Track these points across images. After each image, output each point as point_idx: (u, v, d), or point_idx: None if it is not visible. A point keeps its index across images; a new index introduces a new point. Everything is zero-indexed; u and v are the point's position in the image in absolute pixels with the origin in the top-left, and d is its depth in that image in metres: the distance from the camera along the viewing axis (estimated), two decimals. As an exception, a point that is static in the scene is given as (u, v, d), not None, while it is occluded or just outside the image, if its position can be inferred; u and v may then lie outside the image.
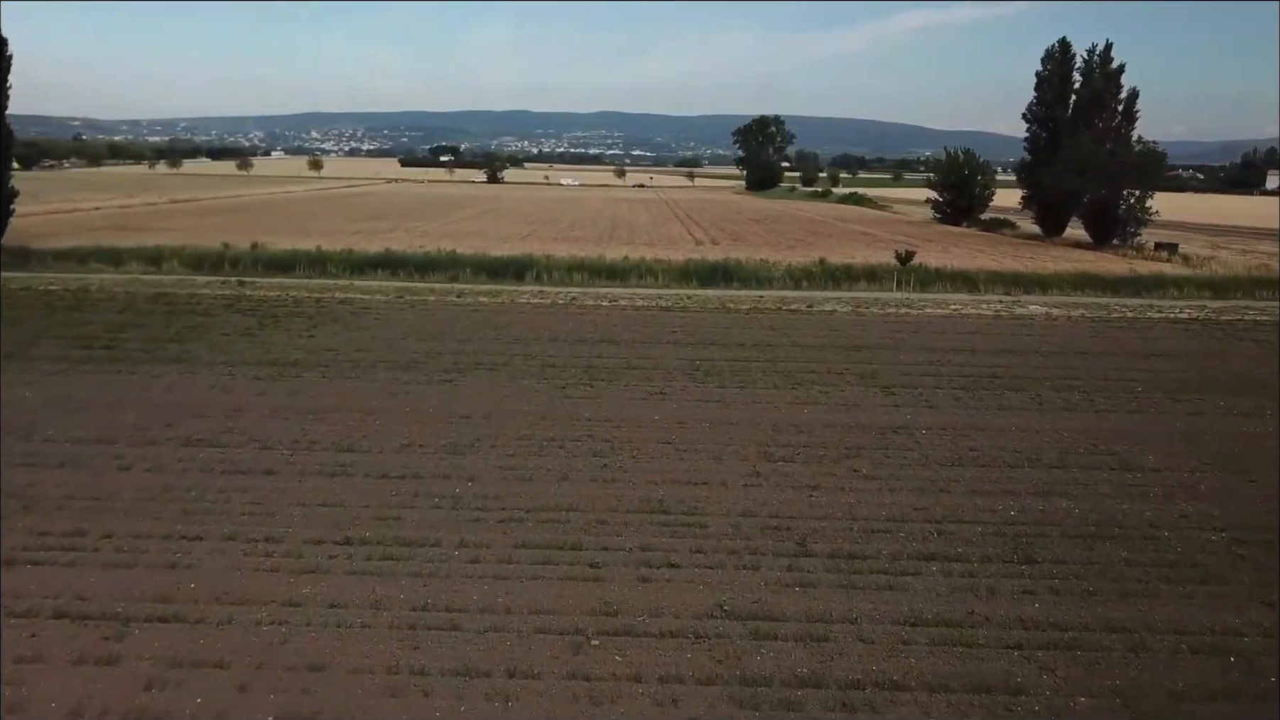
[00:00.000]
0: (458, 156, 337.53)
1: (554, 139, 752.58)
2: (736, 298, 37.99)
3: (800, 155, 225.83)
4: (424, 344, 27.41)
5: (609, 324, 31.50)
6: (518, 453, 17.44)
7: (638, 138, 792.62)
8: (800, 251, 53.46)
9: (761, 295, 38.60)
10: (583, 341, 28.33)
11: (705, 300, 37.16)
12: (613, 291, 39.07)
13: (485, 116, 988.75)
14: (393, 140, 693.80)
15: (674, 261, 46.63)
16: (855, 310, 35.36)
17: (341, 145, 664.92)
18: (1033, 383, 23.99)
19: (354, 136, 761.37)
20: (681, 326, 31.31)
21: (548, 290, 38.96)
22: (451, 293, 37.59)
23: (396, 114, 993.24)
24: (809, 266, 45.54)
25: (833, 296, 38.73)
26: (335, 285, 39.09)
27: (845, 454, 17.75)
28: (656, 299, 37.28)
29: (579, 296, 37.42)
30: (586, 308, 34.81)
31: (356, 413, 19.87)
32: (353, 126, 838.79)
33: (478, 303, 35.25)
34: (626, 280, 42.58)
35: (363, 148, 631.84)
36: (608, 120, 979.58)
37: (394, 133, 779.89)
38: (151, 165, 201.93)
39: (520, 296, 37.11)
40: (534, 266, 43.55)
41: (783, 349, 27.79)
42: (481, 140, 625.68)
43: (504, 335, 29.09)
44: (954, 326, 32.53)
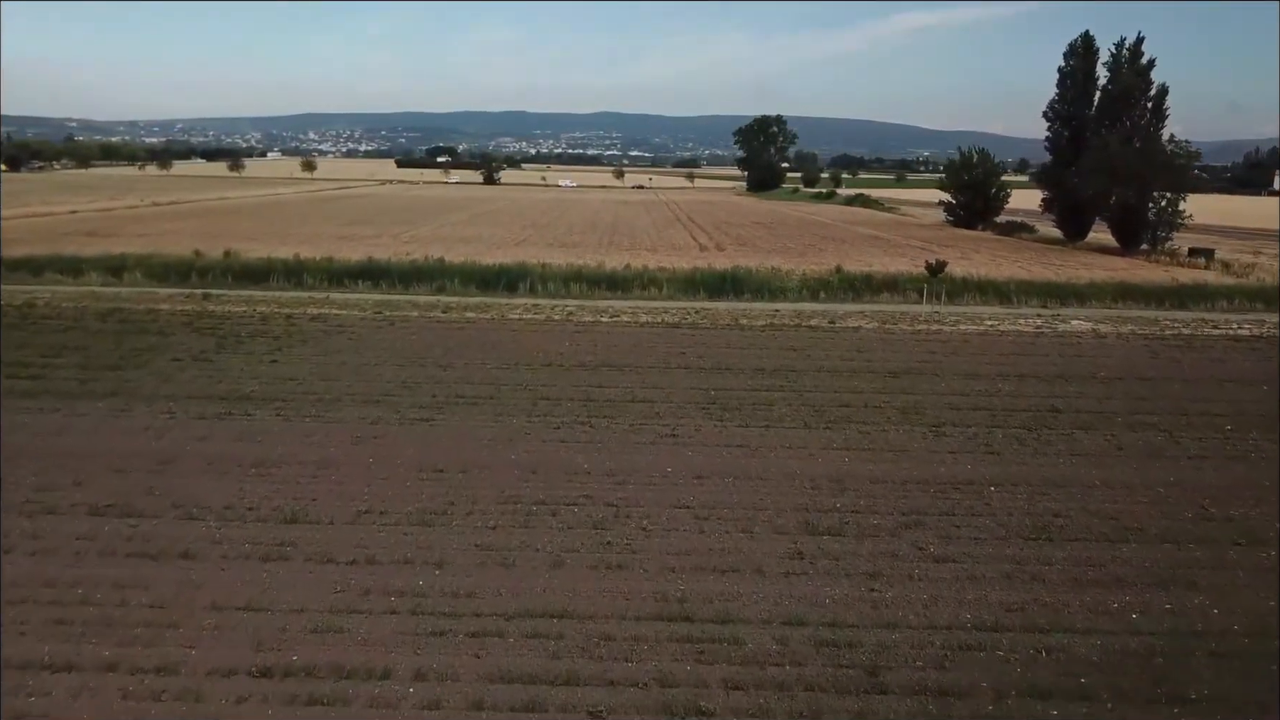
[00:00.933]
0: (455, 157, 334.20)
1: (552, 139, 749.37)
2: (749, 311, 34.68)
3: (799, 156, 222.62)
4: (400, 370, 24.09)
5: (610, 344, 28.18)
6: (499, 523, 14.11)
7: (635, 138, 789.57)
8: (812, 258, 50.16)
9: (777, 309, 35.28)
10: (581, 366, 25.01)
11: (715, 315, 33.85)
12: (613, 304, 35.75)
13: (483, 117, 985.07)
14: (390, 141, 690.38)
15: (679, 270, 43.34)
16: (882, 327, 32.05)
17: (339, 146, 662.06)
18: (1102, 419, 20.69)
19: (351, 137, 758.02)
20: (691, 347, 28.01)
21: (542, 303, 35.64)
22: (437, 307, 34.25)
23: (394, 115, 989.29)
24: (825, 276, 42.23)
25: (855, 310, 35.41)
26: (310, 298, 35.74)
27: (904, 522, 14.44)
28: (662, 313, 33.97)
29: (576, 311, 34.10)
30: (585, 324, 31.49)
31: (310, 466, 16.53)
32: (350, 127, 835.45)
33: (464, 318, 31.92)
34: (628, 291, 39.28)
35: (360, 149, 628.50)
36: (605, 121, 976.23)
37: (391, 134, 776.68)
38: (141, 167, 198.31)
39: (512, 311, 33.78)
40: (528, 276, 40.23)
41: (808, 375, 24.46)
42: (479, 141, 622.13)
43: (492, 358, 25.76)
44: (994, 346, 29.22)
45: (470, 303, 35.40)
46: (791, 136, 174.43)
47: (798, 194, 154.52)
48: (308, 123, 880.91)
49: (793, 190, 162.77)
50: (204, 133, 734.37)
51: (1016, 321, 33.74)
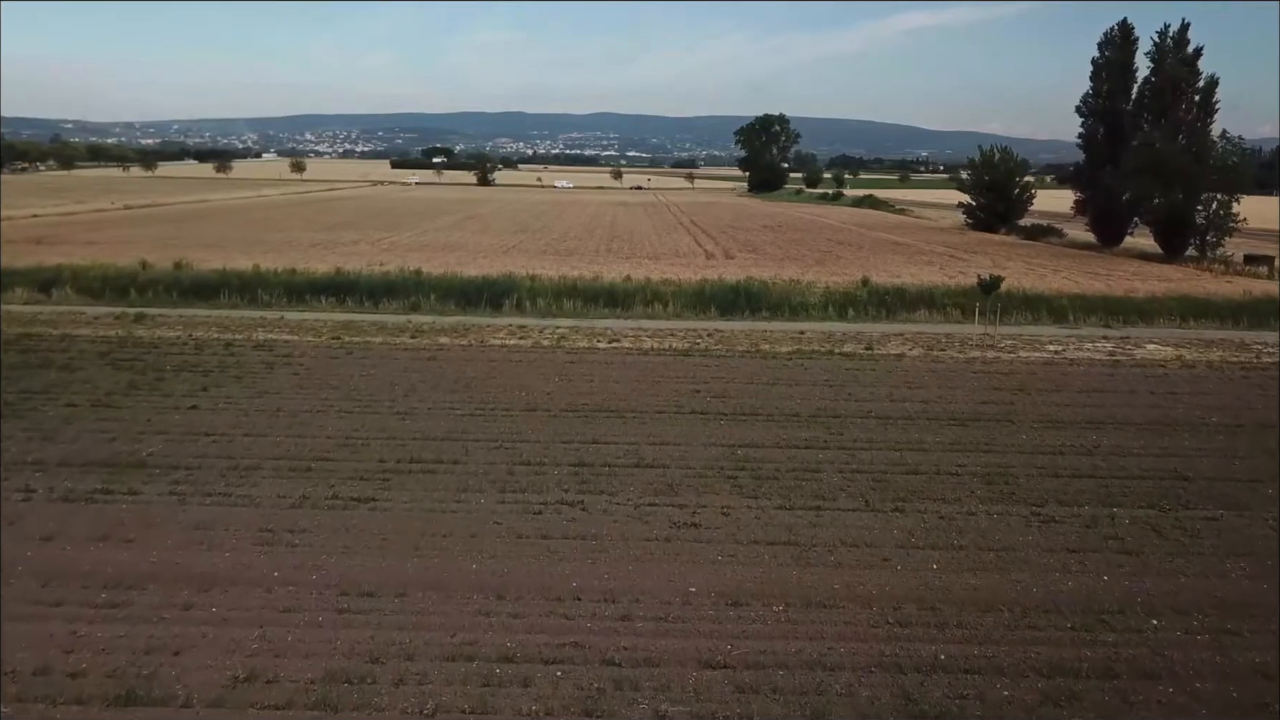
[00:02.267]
0: (451, 158, 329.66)
1: (549, 140, 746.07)
2: (770, 333, 29.90)
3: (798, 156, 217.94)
4: (346, 420, 19.28)
5: (608, 379, 23.37)
6: (443, 702, 9.28)
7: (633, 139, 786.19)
8: (831, 267, 45.39)
9: (801, 330, 30.48)
10: (572, 412, 20.21)
11: (731, 338, 29.06)
12: (613, 325, 30.95)
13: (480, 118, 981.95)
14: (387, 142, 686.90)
15: (685, 282, 38.56)
16: (928, 354, 27.25)
17: (335, 147, 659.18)
18: (1250, 492, 15.93)
19: (348, 139, 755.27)
20: (706, 382, 23.21)
21: (530, 324, 30.81)
22: (406, 329, 29.43)
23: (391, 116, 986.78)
24: (851, 289, 37.46)
25: (891, 332, 30.62)
26: (260, 319, 30.93)
27: (1050, 692, 9.61)
28: (668, 336, 29.19)
29: (569, 334, 29.29)
30: (578, 352, 26.67)
31: (182, 587, 11.72)
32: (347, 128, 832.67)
33: (436, 345, 27.08)
34: (629, 308, 34.49)
35: (356, 149, 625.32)
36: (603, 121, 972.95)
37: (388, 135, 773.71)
38: (125, 168, 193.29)
39: (494, 334, 28.96)
40: (515, 291, 35.43)
41: (854, 423, 19.68)
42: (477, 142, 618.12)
43: (463, 401, 20.96)
44: (1067, 379, 24.43)
45: (446, 324, 30.57)
46: (794, 135, 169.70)
47: (801, 195, 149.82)
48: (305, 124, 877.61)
49: (796, 191, 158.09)
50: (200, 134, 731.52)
51: (1082, 346, 28.97)
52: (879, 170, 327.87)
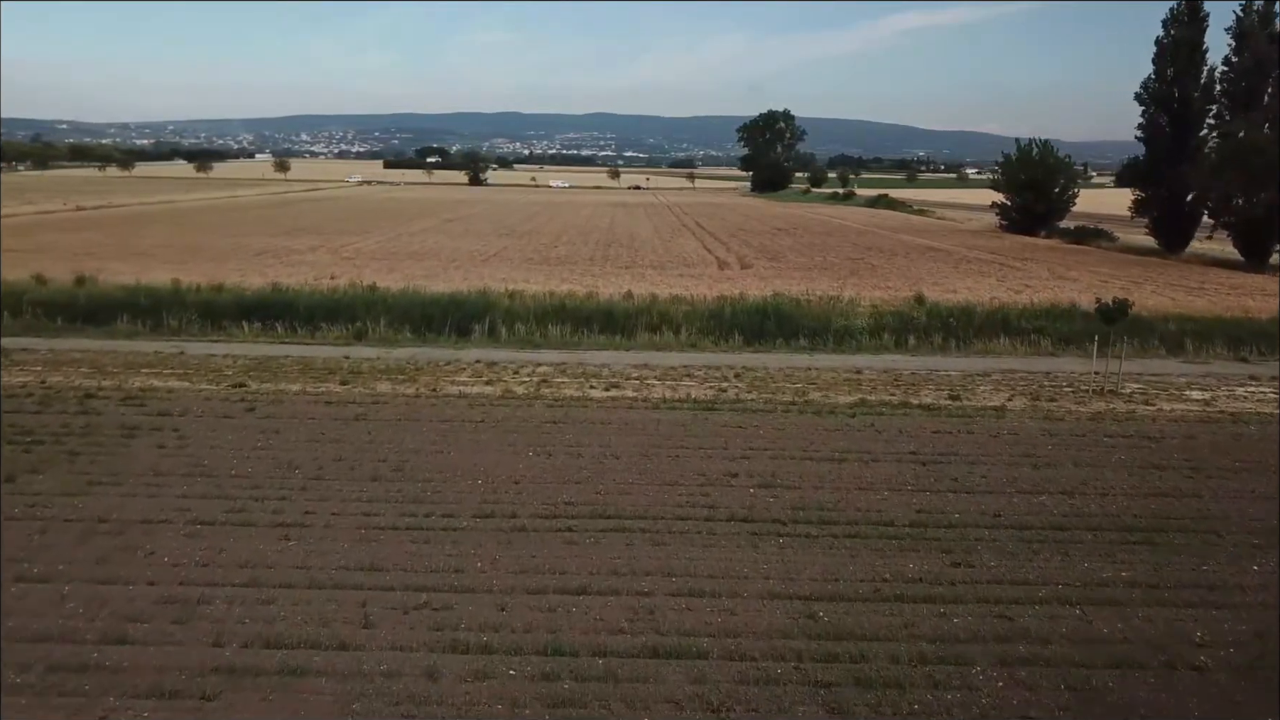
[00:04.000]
0: (446, 158, 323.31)
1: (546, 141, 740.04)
2: (817, 372, 22.88)
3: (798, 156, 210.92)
4: (190, 545, 12.26)
5: (604, 453, 16.35)
6: None
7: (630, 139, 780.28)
8: (869, 279, 38.41)
9: (858, 369, 23.42)
10: (548, 520, 13.21)
11: (767, 379, 22.03)
12: (611, 360, 23.91)
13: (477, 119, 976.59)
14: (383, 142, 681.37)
15: (699, 299, 31.59)
16: (1037, 406, 20.21)
17: (331, 148, 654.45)
18: None
19: (344, 139, 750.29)
20: (744, 455, 16.24)
21: (502, 360, 23.75)
22: (339, 370, 22.36)
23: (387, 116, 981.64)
24: (903, 309, 30.47)
25: (973, 370, 23.58)
26: (153, 355, 23.86)
27: None
28: (684, 378, 22.17)
29: (553, 374, 22.23)
30: (564, 405, 19.60)
31: None
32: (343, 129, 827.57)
33: (371, 397, 20.00)
34: (631, 335, 27.50)
35: (352, 150, 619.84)
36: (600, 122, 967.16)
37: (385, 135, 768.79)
38: (102, 168, 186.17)
39: (453, 376, 21.89)
40: (489, 311, 28.40)
41: (984, 545, 12.69)
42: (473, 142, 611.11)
43: (384, 499, 13.97)
44: (1251, 448, 17.40)
45: (393, 360, 23.50)
46: (799, 133, 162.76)
47: (808, 195, 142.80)
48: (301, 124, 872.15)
49: (803, 191, 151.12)
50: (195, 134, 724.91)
51: (1233, 391, 21.95)
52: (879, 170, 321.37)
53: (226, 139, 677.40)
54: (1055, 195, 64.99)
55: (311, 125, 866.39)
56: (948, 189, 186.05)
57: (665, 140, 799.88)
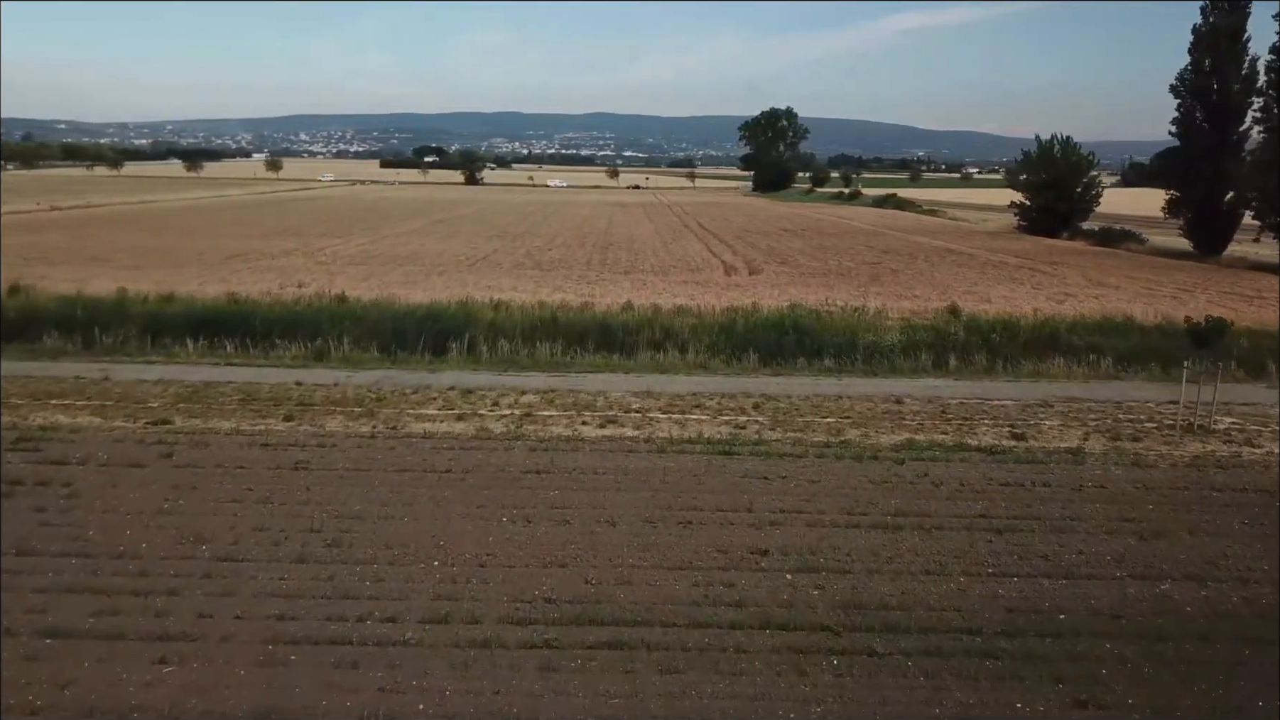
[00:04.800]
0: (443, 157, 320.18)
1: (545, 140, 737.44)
2: (850, 401, 19.49)
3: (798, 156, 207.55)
4: (29, 669, 8.87)
5: (598, 518, 13.00)
6: None
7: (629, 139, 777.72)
8: (892, 287, 35.03)
9: (897, 398, 19.99)
10: (524, 632, 9.86)
11: (791, 411, 18.64)
12: (608, 385, 20.51)
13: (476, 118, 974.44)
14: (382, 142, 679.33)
15: (706, 310, 28.28)
16: (1118, 447, 16.83)
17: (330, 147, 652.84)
18: None
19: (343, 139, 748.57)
20: (773, 521, 12.92)
21: (480, 386, 20.34)
22: (286, 400, 18.96)
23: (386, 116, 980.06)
24: (937, 322, 27.15)
25: (1031, 399, 20.15)
26: (71, 380, 20.46)
27: None
28: (694, 409, 18.79)
29: (539, 405, 18.83)
30: (550, 447, 16.19)
31: None
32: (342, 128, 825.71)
33: (317, 437, 16.59)
34: (631, 352, 24.16)
35: (351, 150, 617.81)
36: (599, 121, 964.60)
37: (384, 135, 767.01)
38: (90, 167, 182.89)
39: (419, 409, 18.47)
40: (470, 326, 25.02)
41: (1116, 672, 9.31)
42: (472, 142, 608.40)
43: (313, 594, 10.59)
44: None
45: (351, 387, 20.09)
46: (802, 131, 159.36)
47: (812, 195, 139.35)
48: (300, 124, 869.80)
49: (806, 191, 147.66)
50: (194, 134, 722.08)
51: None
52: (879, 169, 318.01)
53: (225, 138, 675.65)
54: (1077, 195, 61.60)
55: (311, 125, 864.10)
56: (952, 189, 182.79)
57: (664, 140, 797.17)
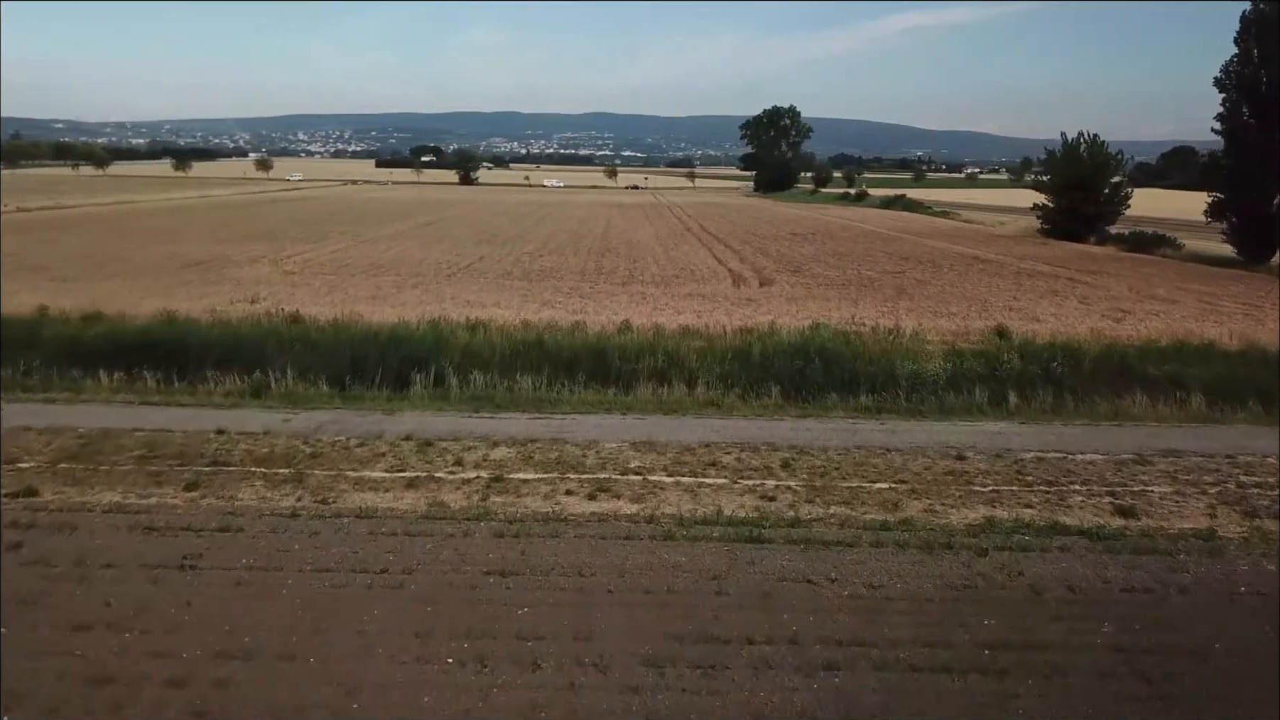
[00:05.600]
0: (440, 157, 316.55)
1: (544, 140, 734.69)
2: (900, 456, 15.65)
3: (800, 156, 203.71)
4: None
5: (579, 664, 9.26)
6: None
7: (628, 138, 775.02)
8: (922, 301, 31.25)
9: (958, 451, 16.13)
10: None
11: (830, 470, 14.84)
12: (601, 435, 16.69)
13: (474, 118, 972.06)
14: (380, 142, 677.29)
15: (716, 332, 24.52)
16: (1260, 528, 13.05)
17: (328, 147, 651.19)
18: None
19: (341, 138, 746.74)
20: (826, 654, 9.16)
21: (445, 435, 16.49)
22: (194, 461, 15.12)
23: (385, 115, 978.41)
24: (983, 345, 23.41)
25: (1126, 453, 16.29)
26: (-62, 428, 16.64)
27: None
28: (707, 466, 14.99)
29: (513, 464, 14.99)
30: (523, 533, 12.39)
31: None
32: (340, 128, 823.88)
33: (224, 516, 12.77)
34: (629, 384, 20.45)
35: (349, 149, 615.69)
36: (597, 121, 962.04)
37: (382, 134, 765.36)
38: (75, 167, 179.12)
39: (364, 471, 14.62)
40: (440, 352, 21.26)
41: None
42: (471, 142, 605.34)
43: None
44: None
45: (289, 434, 16.27)
46: (805, 130, 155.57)
47: (817, 195, 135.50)
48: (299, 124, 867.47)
49: (810, 191, 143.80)
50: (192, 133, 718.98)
51: None
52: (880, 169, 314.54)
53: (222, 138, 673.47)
54: (1105, 197, 57.81)
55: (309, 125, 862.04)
56: (958, 189, 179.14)
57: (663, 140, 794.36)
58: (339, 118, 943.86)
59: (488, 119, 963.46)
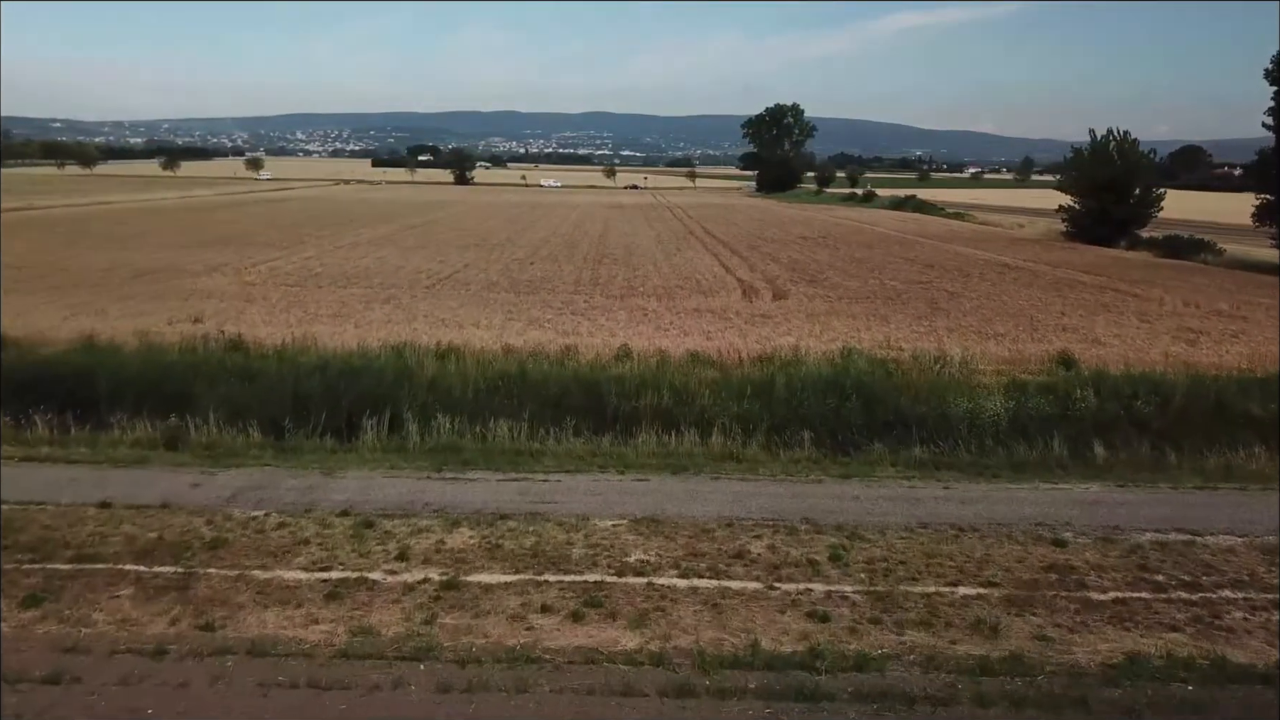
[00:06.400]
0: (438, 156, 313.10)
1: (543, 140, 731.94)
2: (978, 543, 12.01)
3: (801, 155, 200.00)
4: None
5: None
6: None
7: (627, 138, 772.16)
8: (961, 318, 27.65)
9: (1055, 537, 12.46)
10: None
11: (892, 573, 11.21)
12: (591, 506, 13.05)
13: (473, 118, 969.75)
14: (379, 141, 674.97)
15: (729, 358, 20.97)
16: None
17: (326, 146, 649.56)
18: None
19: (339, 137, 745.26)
20: None
21: (390, 511, 12.82)
22: (50, 558, 11.44)
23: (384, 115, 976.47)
24: (1045, 376, 19.89)
25: (1270, 533, 12.69)
26: None
27: None
28: (731, 560, 11.37)
29: (473, 558, 11.33)
30: (472, 686, 8.73)
31: None
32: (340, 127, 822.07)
33: (64, 654, 9.09)
34: (628, 430, 16.82)
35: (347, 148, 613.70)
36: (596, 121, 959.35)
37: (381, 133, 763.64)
38: (61, 165, 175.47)
39: (275, 570, 10.91)
40: (402, 389, 17.62)
41: None
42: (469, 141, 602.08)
43: None
44: None
45: (190, 509, 12.61)
46: (808, 129, 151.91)
47: (821, 196, 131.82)
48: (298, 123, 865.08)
49: (815, 192, 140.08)
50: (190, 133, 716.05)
51: None
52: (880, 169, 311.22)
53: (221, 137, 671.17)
54: (1137, 199, 54.22)
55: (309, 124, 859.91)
56: (965, 189, 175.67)
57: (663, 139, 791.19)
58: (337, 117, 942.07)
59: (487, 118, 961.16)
